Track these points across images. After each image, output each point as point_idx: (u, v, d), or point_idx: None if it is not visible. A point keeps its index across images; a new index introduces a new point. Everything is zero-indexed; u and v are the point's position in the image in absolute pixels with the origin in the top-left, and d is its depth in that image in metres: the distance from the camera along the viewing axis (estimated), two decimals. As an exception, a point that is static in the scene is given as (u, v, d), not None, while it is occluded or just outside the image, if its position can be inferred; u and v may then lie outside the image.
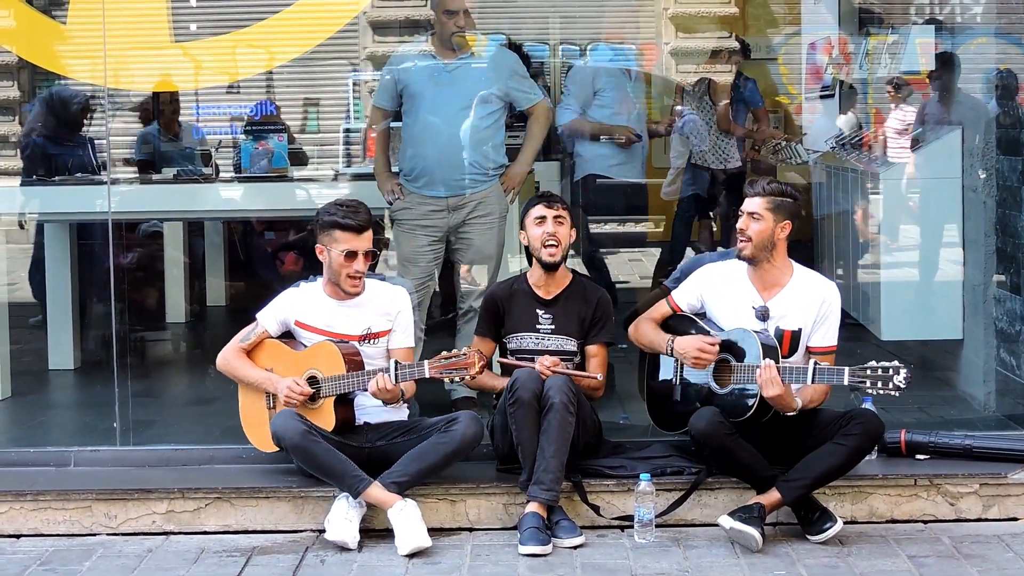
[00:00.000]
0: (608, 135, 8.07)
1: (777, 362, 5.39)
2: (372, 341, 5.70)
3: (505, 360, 5.81)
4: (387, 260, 7.30)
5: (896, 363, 5.20)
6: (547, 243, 5.77)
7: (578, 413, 5.48)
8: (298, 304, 5.75)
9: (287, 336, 5.77)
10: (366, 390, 5.50)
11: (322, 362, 5.58)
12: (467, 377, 5.45)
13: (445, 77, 6.67)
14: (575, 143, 8.08)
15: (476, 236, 6.72)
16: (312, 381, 5.58)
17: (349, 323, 5.68)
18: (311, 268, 8.43)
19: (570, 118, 8.04)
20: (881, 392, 5.20)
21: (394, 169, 6.85)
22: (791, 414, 5.42)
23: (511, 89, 6.76)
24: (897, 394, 5.20)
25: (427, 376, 5.45)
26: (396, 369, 5.46)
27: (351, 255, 5.58)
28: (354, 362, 5.58)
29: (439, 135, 6.65)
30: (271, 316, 5.76)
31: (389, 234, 7.01)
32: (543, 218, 5.78)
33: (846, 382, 5.27)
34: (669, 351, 5.66)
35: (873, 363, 5.21)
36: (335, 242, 5.59)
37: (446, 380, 5.49)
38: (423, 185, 6.67)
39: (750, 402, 5.43)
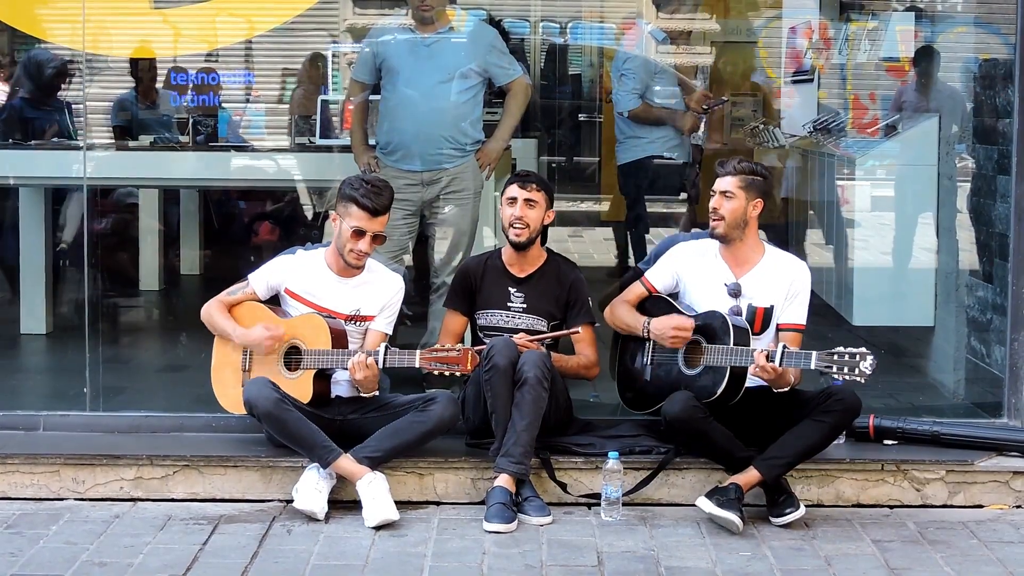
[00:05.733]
0: (673, 121, 8.13)
1: (748, 343, 5.41)
2: (357, 322, 5.68)
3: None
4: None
5: (863, 349, 5.20)
6: (514, 224, 5.77)
7: (551, 389, 5.49)
8: (292, 271, 5.71)
9: (273, 302, 5.74)
10: (347, 368, 5.50)
11: (308, 334, 5.55)
12: (456, 374, 5.43)
13: (423, 51, 6.64)
14: (631, 126, 8.09)
15: (450, 211, 6.71)
16: (294, 351, 5.57)
17: (340, 300, 5.65)
18: (286, 238, 8.45)
19: (635, 104, 8.07)
20: (847, 378, 5.20)
21: (371, 142, 6.84)
22: (783, 390, 5.43)
23: (490, 64, 6.73)
24: (863, 381, 5.21)
25: (416, 366, 5.44)
26: (385, 353, 5.44)
27: (359, 233, 5.56)
28: (340, 340, 5.55)
29: (416, 109, 6.61)
30: (262, 279, 5.72)
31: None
32: (514, 199, 5.78)
33: (813, 366, 5.27)
34: (646, 333, 5.66)
35: (840, 348, 5.22)
36: (348, 216, 5.55)
37: (435, 372, 5.46)
38: (399, 159, 6.65)
39: (720, 383, 5.45)
